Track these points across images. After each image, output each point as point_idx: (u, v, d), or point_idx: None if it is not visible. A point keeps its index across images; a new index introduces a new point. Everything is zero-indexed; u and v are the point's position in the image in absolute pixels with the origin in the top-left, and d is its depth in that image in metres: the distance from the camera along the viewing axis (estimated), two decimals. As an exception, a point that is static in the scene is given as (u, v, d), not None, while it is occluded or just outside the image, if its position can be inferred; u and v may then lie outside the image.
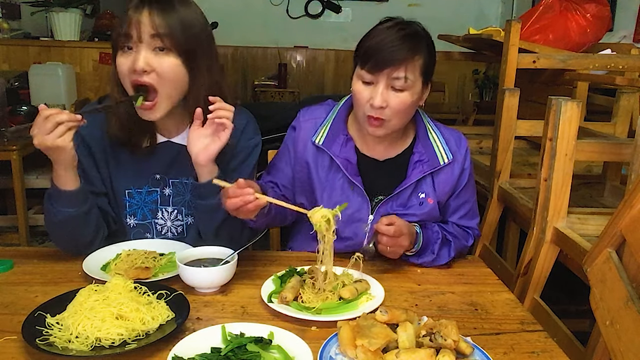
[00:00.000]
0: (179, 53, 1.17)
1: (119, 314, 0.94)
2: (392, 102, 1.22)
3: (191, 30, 1.19)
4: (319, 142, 1.34)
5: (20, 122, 3.23)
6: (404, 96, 1.22)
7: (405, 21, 1.27)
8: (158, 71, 1.16)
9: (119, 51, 1.18)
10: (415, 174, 1.33)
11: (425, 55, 1.24)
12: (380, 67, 1.19)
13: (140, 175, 1.34)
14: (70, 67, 3.76)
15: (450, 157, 1.34)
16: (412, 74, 1.21)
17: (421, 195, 1.34)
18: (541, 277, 1.61)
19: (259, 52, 5.45)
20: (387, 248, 1.23)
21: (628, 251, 0.99)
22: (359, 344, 0.87)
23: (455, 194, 1.39)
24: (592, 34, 2.73)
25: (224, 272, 1.15)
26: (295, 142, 1.39)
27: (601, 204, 2.03)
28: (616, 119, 2.33)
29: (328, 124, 1.36)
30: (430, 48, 1.27)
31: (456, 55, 3.44)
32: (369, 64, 1.20)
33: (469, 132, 3.11)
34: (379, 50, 1.19)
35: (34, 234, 3.47)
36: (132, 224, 1.37)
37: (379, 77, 1.21)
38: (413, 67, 1.21)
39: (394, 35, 1.21)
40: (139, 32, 1.13)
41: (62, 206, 1.20)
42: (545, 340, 1.01)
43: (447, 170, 1.35)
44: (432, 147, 1.35)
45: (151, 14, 1.14)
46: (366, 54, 1.22)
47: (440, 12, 5.30)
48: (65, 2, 3.81)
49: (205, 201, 1.25)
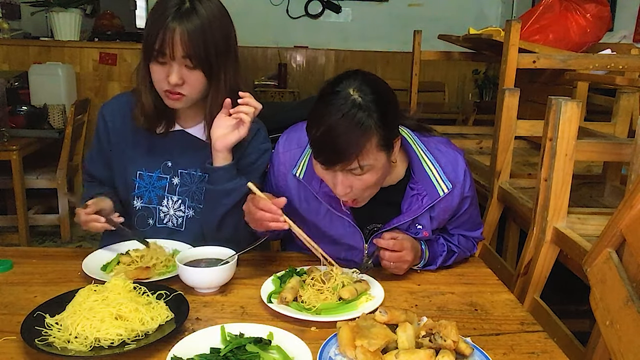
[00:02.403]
0: (204, 69, 1.27)
1: (118, 314, 0.94)
2: (355, 185, 1.13)
3: (213, 41, 1.25)
4: (299, 176, 1.27)
5: (21, 122, 3.24)
6: (367, 177, 1.12)
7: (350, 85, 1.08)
8: (188, 83, 1.27)
9: (152, 60, 1.26)
10: (414, 210, 1.25)
11: (380, 128, 1.07)
12: (331, 164, 1.10)
13: (153, 159, 1.41)
14: (70, 67, 3.77)
15: (450, 186, 1.24)
16: (367, 160, 1.09)
17: (418, 227, 1.28)
18: (541, 277, 1.60)
19: (259, 52, 5.45)
20: (391, 263, 1.22)
21: (628, 251, 0.99)
22: (358, 345, 0.87)
23: (455, 217, 1.34)
24: (592, 34, 2.73)
25: (224, 273, 1.15)
26: (276, 176, 1.32)
27: (601, 204, 2.03)
28: (616, 119, 2.33)
29: (307, 155, 1.26)
30: (385, 109, 1.09)
31: (456, 55, 3.44)
32: (320, 159, 1.11)
33: (469, 132, 3.12)
34: (324, 149, 1.09)
35: (34, 234, 3.48)
36: (138, 207, 1.42)
37: (334, 169, 1.11)
38: (367, 153, 1.08)
39: (338, 126, 1.05)
40: (172, 52, 1.22)
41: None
42: (545, 340, 1.01)
43: (447, 199, 1.26)
44: (429, 178, 1.25)
45: (182, 35, 1.21)
46: (314, 148, 1.12)
47: (440, 12, 5.30)
48: (65, 2, 3.81)
49: (214, 186, 1.31)
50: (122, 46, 3.99)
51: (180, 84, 1.26)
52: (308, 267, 1.22)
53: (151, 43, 1.23)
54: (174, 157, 1.41)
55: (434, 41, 3.37)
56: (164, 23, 1.21)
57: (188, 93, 1.29)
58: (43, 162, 3.35)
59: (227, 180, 1.30)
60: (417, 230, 1.28)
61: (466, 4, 5.47)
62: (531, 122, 1.97)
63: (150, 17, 1.25)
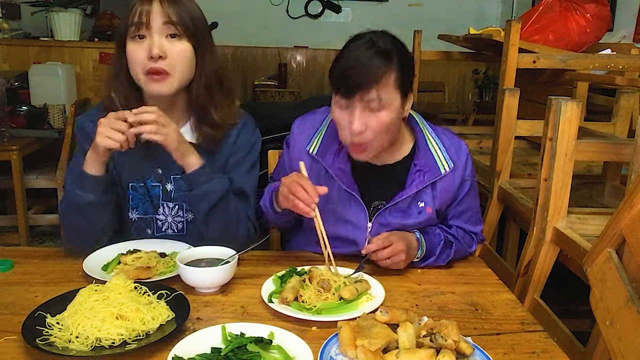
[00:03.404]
0: (189, 38, 1.23)
1: (119, 314, 0.94)
2: (371, 124, 1.18)
3: (198, 19, 1.26)
4: (312, 152, 1.33)
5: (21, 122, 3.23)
6: (383, 116, 1.18)
7: (375, 35, 1.20)
8: (171, 57, 1.22)
9: (129, 40, 1.22)
10: (416, 184, 1.30)
11: (398, 68, 1.17)
12: (351, 92, 1.16)
13: (142, 168, 1.36)
14: (70, 67, 3.76)
15: (452, 165, 1.31)
16: (386, 93, 1.16)
17: (420, 204, 1.32)
18: (541, 277, 1.61)
19: (259, 52, 5.45)
20: (387, 260, 1.23)
21: (628, 251, 1.00)
22: (359, 344, 0.87)
23: (455, 202, 1.37)
24: (592, 34, 2.73)
25: (224, 272, 1.15)
26: (291, 157, 1.38)
27: (601, 204, 2.03)
28: (616, 119, 2.33)
29: (321, 133, 1.35)
30: (404, 58, 1.20)
31: (456, 55, 3.44)
32: (341, 89, 1.18)
33: (469, 132, 3.12)
34: (348, 75, 1.16)
35: (34, 234, 3.48)
36: (134, 218, 1.39)
37: (353, 101, 1.17)
38: (386, 85, 1.16)
39: (362, 56, 1.16)
40: (150, 19, 1.19)
41: (85, 191, 1.24)
42: (545, 340, 1.01)
43: (448, 179, 1.32)
44: (432, 156, 1.32)
45: (162, 4, 1.20)
46: (337, 79, 1.19)
47: (440, 12, 5.30)
48: (65, 2, 3.81)
49: (193, 191, 1.29)
50: (122, 46, 3.98)
51: (163, 58, 1.20)
52: (308, 267, 1.22)
53: (126, 21, 1.20)
54: (163, 163, 1.35)
55: (434, 41, 3.37)
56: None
57: (171, 70, 1.22)
58: (43, 162, 3.35)
59: (202, 184, 1.27)
60: (419, 209, 1.32)
61: (466, 4, 5.47)
62: (531, 122, 1.97)
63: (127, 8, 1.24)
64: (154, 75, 1.22)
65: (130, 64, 1.24)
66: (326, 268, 1.21)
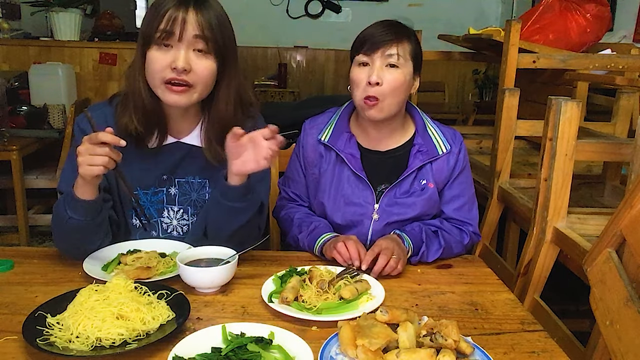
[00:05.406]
0: (216, 56, 1.19)
1: (119, 313, 0.94)
2: (386, 78, 1.32)
3: (227, 33, 1.20)
4: (324, 140, 1.44)
5: (21, 122, 3.23)
6: (398, 73, 1.33)
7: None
8: (195, 71, 1.17)
9: (153, 46, 1.16)
10: (416, 163, 1.41)
11: (413, 43, 1.37)
12: (374, 47, 1.33)
13: (147, 176, 1.33)
14: (70, 67, 3.76)
15: (448, 147, 1.43)
16: (403, 53, 1.34)
17: (422, 182, 1.42)
18: (541, 277, 1.61)
19: (259, 52, 5.45)
20: (384, 267, 1.23)
21: (628, 251, 1.00)
22: (359, 344, 0.87)
23: (449, 183, 1.46)
24: (592, 34, 2.73)
25: (225, 272, 1.15)
26: (304, 149, 1.49)
27: (601, 204, 2.03)
28: (616, 119, 2.33)
29: (332, 124, 1.47)
30: (417, 42, 1.39)
31: (456, 55, 3.43)
32: (365, 47, 1.34)
33: (469, 132, 3.11)
34: (373, 35, 1.35)
35: (34, 234, 3.48)
36: (138, 225, 1.36)
37: (374, 57, 1.33)
38: (404, 48, 1.34)
39: (384, 24, 1.37)
40: (183, 30, 1.13)
41: (76, 214, 1.17)
42: (545, 340, 1.01)
43: (444, 160, 1.44)
44: (430, 139, 1.44)
45: (197, 14, 1.14)
46: (361, 41, 1.36)
47: (440, 12, 5.30)
48: (65, 2, 3.81)
49: (230, 203, 1.24)
50: (122, 46, 3.99)
51: (187, 71, 1.15)
52: (308, 267, 1.22)
53: (155, 25, 1.13)
54: (169, 169, 1.33)
55: (434, 41, 3.37)
56: (173, 3, 1.13)
57: (195, 83, 1.18)
58: (43, 162, 3.35)
59: (242, 197, 1.23)
60: (422, 186, 1.42)
61: (466, 4, 5.47)
62: (531, 122, 1.97)
63: (154, 4, 1.17)
64: (175, 86, 1.17)
65: (148, 71, 1.19)
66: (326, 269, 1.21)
